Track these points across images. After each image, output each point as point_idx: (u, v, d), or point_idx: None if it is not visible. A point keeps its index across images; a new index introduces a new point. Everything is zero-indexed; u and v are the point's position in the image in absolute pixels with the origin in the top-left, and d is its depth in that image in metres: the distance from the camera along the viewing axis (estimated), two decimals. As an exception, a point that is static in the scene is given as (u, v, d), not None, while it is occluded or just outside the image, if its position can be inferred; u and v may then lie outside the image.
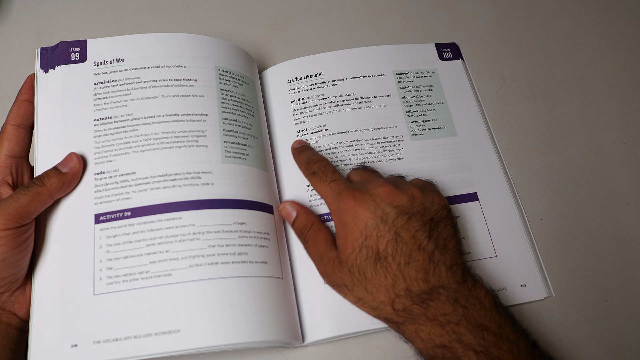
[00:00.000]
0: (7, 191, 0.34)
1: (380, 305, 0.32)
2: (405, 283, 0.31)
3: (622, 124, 0.48)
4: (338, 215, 0.34)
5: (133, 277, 0.32)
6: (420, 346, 0.31)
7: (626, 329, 0.39)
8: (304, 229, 0.36)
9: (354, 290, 0.33)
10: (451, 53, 0.49)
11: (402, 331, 0.32)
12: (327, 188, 0.36)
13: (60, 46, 0.39)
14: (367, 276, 0.32)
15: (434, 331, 0.30)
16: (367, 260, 0.32)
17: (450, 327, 0.30)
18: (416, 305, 0.31)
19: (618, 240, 0.42)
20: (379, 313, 0.32)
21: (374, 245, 0.32)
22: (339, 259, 0.33)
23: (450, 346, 0.29)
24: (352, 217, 0.33)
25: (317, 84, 0.45)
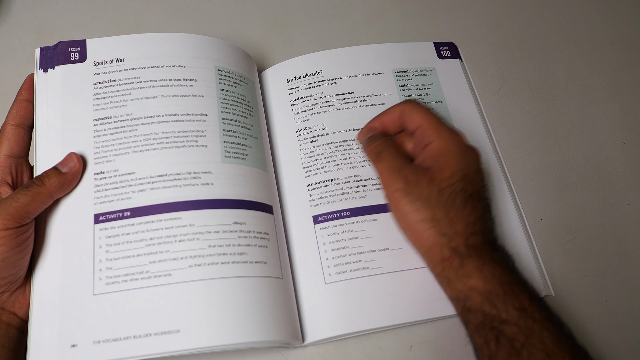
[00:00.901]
0: (7, 191, 0.34)
1: (454, 235, 0.32)
2: (483, 225, 0.33)
3: (622, 124, 0.48)
4: (444, 139, 0.35)
5: (133, 277, 0.32)
6: (479, 284, 0.31)
7: (626, 329, 0.39)
8: (380, 139, 0.37)
9: (435, 209, 0.33)
10: (450, 52, 0.49)
11: (462, 265, 0.32)
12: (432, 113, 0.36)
13: (59, 46, 0.39)
14: (456, 204, 0.33)
15: (497, 270, 0.31)
16: (461, 192, 0.33)
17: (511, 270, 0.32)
18: (486, 246, 0.33)
19: (618, 240, 0.42)
20: (448, 241, 0.32)
21: (471, 183, 0.34)
22: (430, 175, 0.34)
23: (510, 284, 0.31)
24: (460, 148, 0.35)
25: (316, 83, 0.45)
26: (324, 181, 0.40)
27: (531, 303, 0.30)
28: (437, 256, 0.33)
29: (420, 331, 0.38)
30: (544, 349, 0.29)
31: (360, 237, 0.38)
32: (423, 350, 0.37)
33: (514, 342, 0.29)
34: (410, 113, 0.36)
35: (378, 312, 0.36)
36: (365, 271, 0.37)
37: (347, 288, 0.37)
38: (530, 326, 0.29)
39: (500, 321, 0.30)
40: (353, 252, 0.38)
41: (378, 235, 0.39)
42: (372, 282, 0.37)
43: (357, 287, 0.37)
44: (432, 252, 0.33)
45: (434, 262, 0.33)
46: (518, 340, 0.29)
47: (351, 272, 0.37)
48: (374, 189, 0.40)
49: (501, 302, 0.30)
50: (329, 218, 0.39)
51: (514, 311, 0.30)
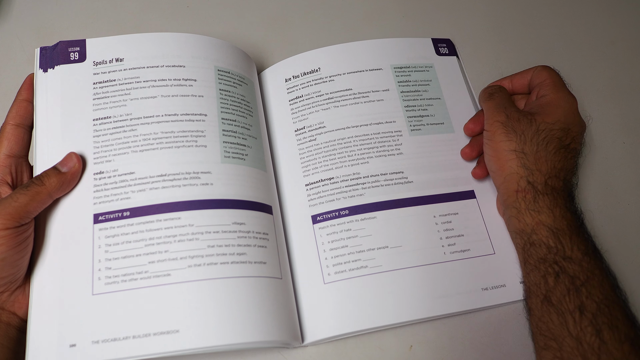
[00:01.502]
0: (7, 191, 0.34)
1: (536, 171, 0.35)
2: (567, 176, 0.36)
3: (622, 124, 0.48)
4: (558, 95, 0.38)
5: (132, 277, 0.32)
6: (549, 220, 0.33)
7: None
8: (495, 86, 0.41)
9: (526, 144, 0.35)
10: (447, 49, 0.49)
11: (535, 200, 0.34)
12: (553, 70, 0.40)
13: (59, 46, 0.39)
14: (548, 148, 0.35)
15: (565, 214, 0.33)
16: (557, 139, 0.35)
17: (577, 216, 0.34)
18: (563, 193, 0.35)
19: (618, 240, 0.42)
20: (528, 174, 0.35)
21: (569, 137, 0.36)
22: (533, 118, 0.36)
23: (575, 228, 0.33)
24: (570, 106, 0.37)
25: (314, 81, 0.45)
26: (323, 180, 0.40)
27: (595, 252, 0.32)
28: (513, 186, 0.35)
29: (420, 331, 0.37)
30: (602, 291, 0.29)
31: (359, 235, 0.38)
32: (423, 350, 0.37)
33: (574, 279, 0.30)
34: (541, 71, 0.40)
35: (377, 311, 0.36)
36: (364, 270, 0.37)
37: (346, 287, 0.37)
38: (592, 269, 0.30)
39: (563, 256, 0.31)
40: (352, 251, 0.38)
41: (377, 233, 0.38)
42: (371, 281, 0.37)
43: (357, 287, 0.37)
44: (510, 181, 0.35)
45: (508, 191, 0.35)
46: (579, 278, 0.30)
47: (350, 271, 0.37)
48: (373, 186, 0.40)
49: (568, 239, 0.31)
50: (328, 217, 0.39)
51: (578, 252, 0.31)
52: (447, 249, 0.39)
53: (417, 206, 0.40)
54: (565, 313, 0.29)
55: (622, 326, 0.29)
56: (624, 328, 0.29)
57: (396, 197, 0.40)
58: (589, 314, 0.29)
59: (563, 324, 0.29)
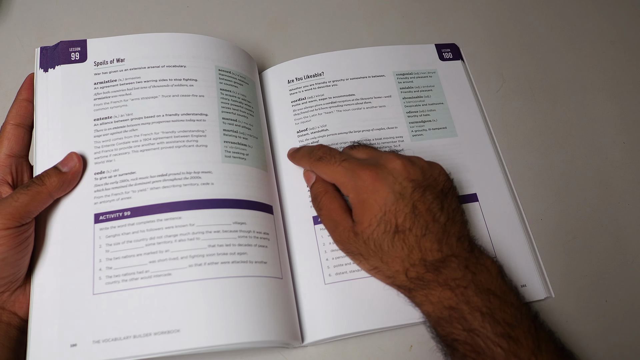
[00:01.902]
0: (7, 190, 0.34)
1: (395, 274, 0.34)
2: (420, 253, 0.33)
3: (622, 124, 0.48)
4: (355, 193, 0.34)
5: (132, 276, 0.32)
6: (429, 309, 0.32)
7: (626, 329, 0.39)
8: (319, 194, 0.37)
9: (369, 259, 0.34)
10: (451, 53, 0.49)
11: (412, 296, 0.33)
12: (339, 168, 0.36)
13: (60, 46, 0.39)
14: (384, 248, 0.33)
15: (443, 294, 0.31)
16: (384, 234, 0.33)
17: (460, 290, 0.31)
18: (429, 273, 0.32)
19: (618, 240, 0.42)
20: (393, 281, 0.34)
21: (392, 219, 0.33)
22: (354, 230, 0.34)
23: (458, 307, 0.31)
24: (370, 193, 0.34)
25: (317, 84, 0.45)
26: (324, 181, 0.40)
27: (483, 322, 0.30)
28: (395, 290, 0.35)
29: (420, 331, 0.37)
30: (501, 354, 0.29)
31: (360, 236, 0.38)
32: (423, 350, 0.37)
33: (466, 358, 0.30)
34: (320, 174, 0.37)
35: (378, 312, 0.36)
36: (364, 272, 0.37)
37: (346, 288, 0.37)
38: (480, 345, 0.30)
39: (452, 340, 0.31)
40: (353, 252, 0.38)
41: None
42: (372, 282, 0.37)
43: (357, 288, 0.37)
44: (391, 290, 0.35)
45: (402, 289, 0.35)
46: (469, 356, 0.30)
47: (351, 272, 0.37)
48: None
49: (448, 325, 0.31)
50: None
51: (462, 332, 0.31)
52: None
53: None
54: None
55: None
56: None
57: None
58: None
59: None
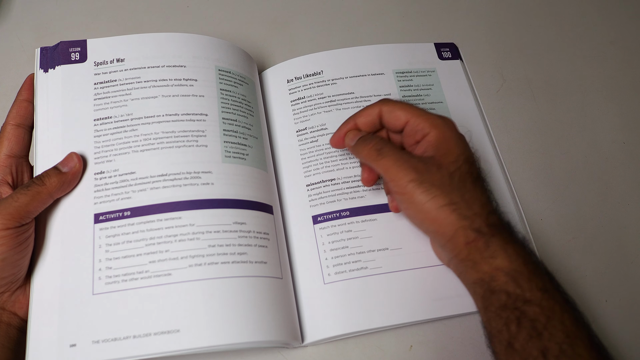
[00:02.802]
0: (7, 191, 0.34)
1: (474, 216, 0.32)
2: (494, 205, 0.34)
3: (622, 124, 0.48)
4: (441, 129, 0.34)
5: (132, 276, 0.32)
6: (504, 263, 0.31)
7: (626, 329, 0.39)
8: (375, 137, 0.36)
9: (450, 194, 0.32)
10: (450, 53, 0.49)
11: (486, 245, 0.32)
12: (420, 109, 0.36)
13: (60, 46, 0.39)
14: (467, 186, 0.33)
15: (520, 250, 0.31)
16: (468, 174, 0.33)
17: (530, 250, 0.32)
18: (504, 225, 0.33)
19: (618, 240, 0.42)
20: (470, 223, 0.32)
21: (475, 165, 0.34)
22: (437, 162, 0.33)
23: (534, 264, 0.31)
24: (456, 134, 0.35)
25: (316, 83, 0.45)
26: (324, 181, 0.40)
27: (552, 284, 0.31)
28: (461, 240, 0.32)
29: (420, 331, 0.38)
30: (564, 330, 0.29)
31: (359, 237, 0.38)
32: (423, 350, 0.37)
33: (535, 323, 0.29)
34: (392, 112, 0.36)
35: (377, 312, 0.36)
36: (364, 271, 0.37)
37: (346, 288, 0.37)
38: (552, 307, 0.29)
39: (523, 301, 0.30)
40: (352, 252, 0.38)
41: (377, 235, 0.39)
42: (371, 282, 0.37)
43: (357, 287, 0.37)
44: (457, 237, 0.32)
45: (458, 247, 0.32)
46: (540, 321, 0.29)
47: (350, 272, 0.37)
48: (374, 189, 0.40)
49: (526, 281, 0.30)
50: (329, 218, 0.39)
51: (537, 291, 0.30)
52: None
53: (417, 208, 0.40)
54: (529, 359, 0.29)
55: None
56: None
57: (397, 198, 0.40)
58: (552, 358, 0.28)
59: None
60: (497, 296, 0.31)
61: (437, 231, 0.33)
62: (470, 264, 0.32)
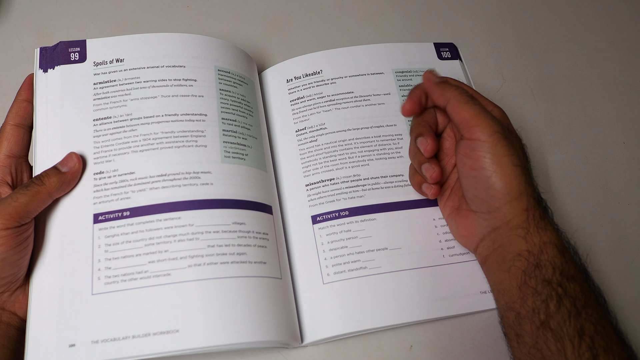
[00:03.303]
0: (7, 191, 0.34)
1: (534, 189, 0.33)
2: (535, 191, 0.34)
3: (622, 124, 0.48)
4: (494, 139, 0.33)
5: (132, 276, 0.32)
6: (555, 237, 0.32)
7: (626, 329, 0.39)
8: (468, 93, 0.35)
9: (521, 159, 0.33)
10: (449, 53, 0.49)
11: (542, 216, 0.32)
12: None
13: (59, 46, 0.39)
14: (527, 164, 0.34)
15: (554, 235, 0.32)
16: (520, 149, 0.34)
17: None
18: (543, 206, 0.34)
19: (618, 240, 0.42)
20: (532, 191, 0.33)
21: None
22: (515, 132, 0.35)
23: (568, 250, 0.32)
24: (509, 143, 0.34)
25: (315, 82, 0.45)
26: (323, 181, 0.40)
27: (577, 273, 0.31)
28: (522, 205, 0.32)
29: (420, 331, 0.37)
30: (599, 311, 0.29)
31: (358, 236, 0.38)
32: (423, 350, 0.37)
33: (576, 301, 0.29)
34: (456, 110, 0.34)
35: (377, 312, 0.36)
36: (363, 271, 0.37)
37: (345, 288, 0.37)
38: (589, 288, 0.30)
39: (568, 277, 0.30)
40: (351, 252, 0.38)
41: (377, 235, 0.38)
42: (370, 282, 0.37)
43: (356, 287, 0.37)
44: (519, 200, 0.32)
45: (515, 211, 0.32)
46: (580, 299, 0.29)
47: (349, 272, 0.37)
48: (373, 188, 0.40)
49: (570, 257, 0.31)
50: (328, 218, 0.39)
51: (578, 271, 0.30)
52: (446, 251, 0.39)
53: (416, 209, 0.40)
54: (564, 339, 0.28)
55: (616, 347, 0.28)
56: (617, 349, 0.28)
57: (396, 200, 0.40)
58: (588, 338, 0.28)
59: (561, 350, 0.28)
60: (542, 270, 0.30)
61: (503, 188, 0.32)
62: (522, 233, 0.32)
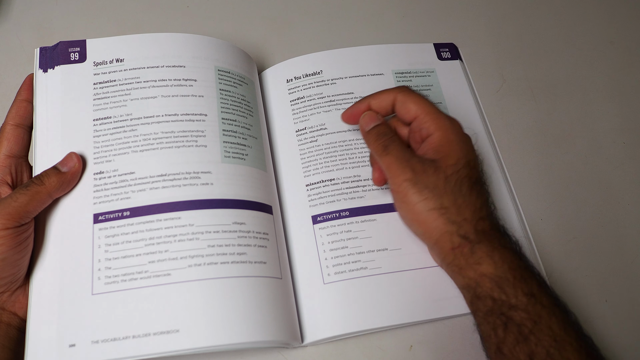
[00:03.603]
0: (7, 191, 0.34)
1: (463, 221, 0.33)
2: (488, 210, 0.34)
3: (622, 124, 0.48)
4: (444, 130, 0.34)
5: (132, 276, 0.32)
6: (490, 270, 0.31)
7: (626, 329, 0.39)
8: (387, 132, 0.36)
9: (442, 197, 0.33)
10: (450, 53, 0.49)
11: (473, 252, 0.32)
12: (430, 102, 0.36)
13: (59, 46, 0.39)
14: (462, 191, 0.33)
15: (506, 255, 0.32)
16: (466, 178, 0.33)
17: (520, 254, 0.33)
18: (494, 231, 0.33)
19: (618, 240, 0.42)
20: (457, 228, 0.33)
21: (475, 169, 0.34)
22: (436, 164, 0.34)
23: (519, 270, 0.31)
24: (460, 136, 0.35)
25: (316, 83, 0.45)
26: (323, 181, 0.40)
27: (539, 288, 0.31)
28: (447, 245, 0.33)
29: (420, 331, 0.37)
30: (551, 334, 0.29)
31: (359, 237, 0.38)
32: (423, 350, 0.37)
33: (522, 327, 0.29)
34: (405, 103, 0.36)
35: (377, 312, 0.36)
36: (364, 271, 0.37)
37: (346, 288, 0.37)
38: (538, 312, 0.29)
39: (509, 307, 0.30)
40: (352, 252, 0.38)
41: (377, 235, 0.38)
42: (370, 282, 0.37)
43: (356, 287, 0.37)
44: (442, 241, 0.33)
45: (444, 251, 0.33)
46: (526, 325, 0.29)
47: (350, 272, 0.37)
48: (373, 189, 0.40)
49: (510, 287, 0.30)
50: (328, 218, 0.39)
51: (523, 296, 0.30)
52: None
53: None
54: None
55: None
56: None
57: (396, 199, 0.40)
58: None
59: None
60: (483, 302, 0.31)
61: (424, 233, 0.34)
62: (456, 269, 0.33)
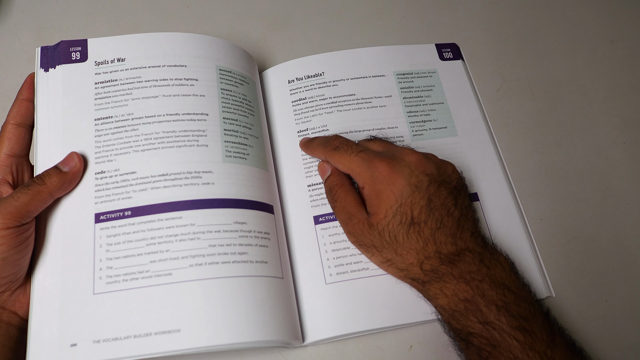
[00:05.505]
0: (8, 190, 0.34)
1: (409, 266, 0.34)
2: (435, 246, 0.33)
3: (622, 124, 0.48)
4: (371, 184, 0.35)
5: (133, 276, 0.32)
6: (443, 302, 0.32)
7: (626, 329, 0.39)
8: (334, 187, 0.38)
9: (382, 252, 0.34)
10: (451, 53, 0.49)
11: (426, 290, 0.33)
12: (355, 158, 0.36)
13: (60, 45, 0.39)
14: (399, 240, 0.33)
15: (458, 287, 0.31)
16: (400, 225, 0.33)
17: (475, 283, 0.31)
18: (444, 266, 0.32)
19: (618, 240, 0.42)
20: (406, 274, 0.34)
21: (408, 211, 0.33)
22: (369, 222, 0.35)
23: (473, 300, 0.31)
24: (387, 185, 0.34)
25: (317, 84, 0.45)
26: (325, 181, 0.40)
27: (498, 314, 0.30)
28: (407, 283, 0.35)
29: (420, 331, 0.38)
30: (511, 357, 0.29)
31: (360, 237, 0.38)
32: (423, 350, 0.37)
33: (481, 351, 0.30)
34: (335, 164, 0.38)
35: (378, 312, 0.36)
36: (365, 272, 0.37)
37: (347, 288, 0.37)
38: (496, 337, 0.30)
39: (467, 333, 0.31)
40: (354, 253, 0.38)
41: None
42: (372, 282, 0.37)
43: (358, 288, 0.37)
44: (403, 283, 0.36)
45: (411, 283, 0.35)
46: (485, 350, 0.30)
47: (352, 272, 0.37)
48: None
49: (464, 318, 0.31)
50: (330, 218, 0.39)
51: (478, 324, 0.30)
52: None
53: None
54: None
55: None
56: None
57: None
58: None
59: None
60: (447, 326, 0.33)
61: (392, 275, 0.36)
62: (422, 299, 0.35)
